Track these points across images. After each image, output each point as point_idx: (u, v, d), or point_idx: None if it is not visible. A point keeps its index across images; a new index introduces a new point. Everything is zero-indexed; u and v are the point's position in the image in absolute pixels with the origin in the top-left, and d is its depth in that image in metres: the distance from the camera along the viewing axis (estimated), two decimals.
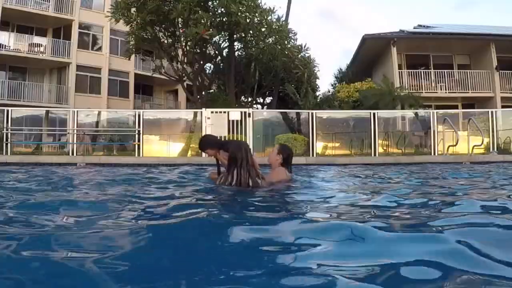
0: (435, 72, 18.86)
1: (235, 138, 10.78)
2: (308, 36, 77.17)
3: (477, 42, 18.55)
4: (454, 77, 18.89)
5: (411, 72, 18.79)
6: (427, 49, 19.31)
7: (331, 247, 1.25)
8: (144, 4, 13.27)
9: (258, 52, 15.46)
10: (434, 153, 12.01)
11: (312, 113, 12.61)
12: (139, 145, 11.82)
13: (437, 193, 3.08)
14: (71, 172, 6.27)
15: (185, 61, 15.47)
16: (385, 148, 12.92)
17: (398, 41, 18.65)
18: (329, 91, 21.96)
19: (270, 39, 14.54)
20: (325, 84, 62.27)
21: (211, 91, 18.17)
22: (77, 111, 12.96)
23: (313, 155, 11.95)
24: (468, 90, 18.37)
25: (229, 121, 11.72)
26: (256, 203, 2.47)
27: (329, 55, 74.96)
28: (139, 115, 12.37)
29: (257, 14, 13.62)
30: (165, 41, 15.50)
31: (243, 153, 2.86)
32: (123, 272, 1.03)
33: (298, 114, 14.21)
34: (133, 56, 18.04)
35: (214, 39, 14.66)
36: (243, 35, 14.83)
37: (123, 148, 12.84)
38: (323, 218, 1.97)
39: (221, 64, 17.20)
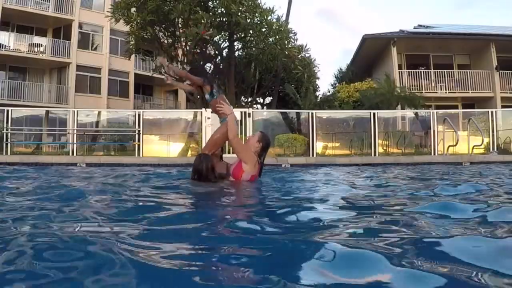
0: (435, 72, 18.87)
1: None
2: (308, 36, 77.26)
3: (477, 42, 18.56)
4: (454, 77, 18.89)
5: (411, 72, 18.79)
6: (427, 49, 19.32)
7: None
8: (144, 4, 13.26)
9: (258, 52, 15.45)
10: (434, 153, 12.01)
11: (312, 113, 12.60)
12: (139, 145, 11.82)
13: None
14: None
15: (185, 61, 15.46)
16: (385, 148, 12.91)
17: (398, 41, 18.66)
18: (329, 91, 21.96)
19: (270, 39, 14.51)
20: (325, 84, 62.30)
21: None
22: (77, 111, 12.96)
23: (313, 155, 11.95)
24: (468, 90, 18.38)
25: None
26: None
27: (329, 55, 75.12)
28: (139, 115, 12.38)
29: (257, 14, 13.60)
30: (165, 41, 15.49)
31: (208, 168, 3.56)
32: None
33: (298, 114, 14.20)
34: (133, 56, 18.04)
35: (214, 39, 14.66)
36: (243, 35, 14.81)
37: (123, 148, 12.84)
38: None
39: (221, 64, 17.18)
